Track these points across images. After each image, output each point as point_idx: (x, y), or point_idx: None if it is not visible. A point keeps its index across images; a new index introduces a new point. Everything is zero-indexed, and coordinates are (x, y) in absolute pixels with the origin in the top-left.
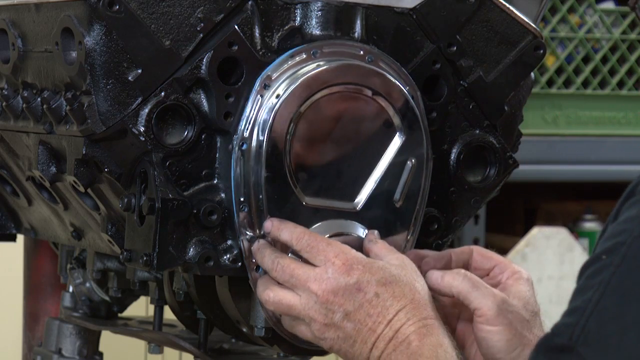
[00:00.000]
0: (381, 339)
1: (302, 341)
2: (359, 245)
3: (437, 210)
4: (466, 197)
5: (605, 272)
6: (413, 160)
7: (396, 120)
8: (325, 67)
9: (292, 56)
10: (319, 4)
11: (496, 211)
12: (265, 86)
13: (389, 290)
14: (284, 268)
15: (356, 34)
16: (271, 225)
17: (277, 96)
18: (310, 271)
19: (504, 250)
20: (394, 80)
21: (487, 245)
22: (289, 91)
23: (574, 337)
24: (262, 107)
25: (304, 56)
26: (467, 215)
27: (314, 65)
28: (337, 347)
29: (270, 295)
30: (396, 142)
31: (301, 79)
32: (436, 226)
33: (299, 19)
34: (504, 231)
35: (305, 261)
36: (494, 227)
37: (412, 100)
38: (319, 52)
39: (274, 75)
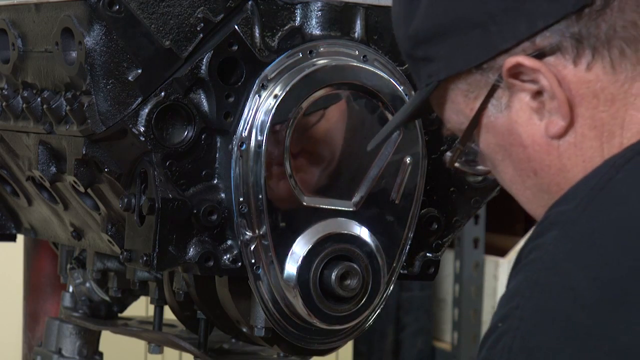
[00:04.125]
0: None
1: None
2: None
3: (437, 210)
4: (466, 197)
5: (505, 338)
6: (409, 159)
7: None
8: (321, 67)
9: (289, 56)
10: (319, 4)
11: (496, 211)
12: (263, 86)
13: None
14: None
15: (356, 34)
16: None
17: (275, 96)
18: None
19: (504, 250)
20: (388, 79)
21: (487, 245)
22: (285, 91)
23: None
24: (260, 108)
25: (300, 56)
26: (467, 215)
27: (310, 65)
28: None
29: None
30: (392, 140)
31: (297, 79)
32: (436, 226)
33: (299, 19)
34: (504, 231)
35: None
36: (494, 227)
37: (407, 99)
38: (315, 52)
39: (271, 76)
